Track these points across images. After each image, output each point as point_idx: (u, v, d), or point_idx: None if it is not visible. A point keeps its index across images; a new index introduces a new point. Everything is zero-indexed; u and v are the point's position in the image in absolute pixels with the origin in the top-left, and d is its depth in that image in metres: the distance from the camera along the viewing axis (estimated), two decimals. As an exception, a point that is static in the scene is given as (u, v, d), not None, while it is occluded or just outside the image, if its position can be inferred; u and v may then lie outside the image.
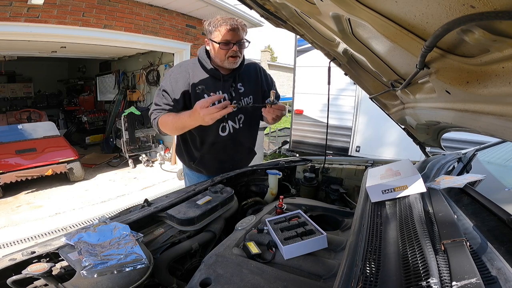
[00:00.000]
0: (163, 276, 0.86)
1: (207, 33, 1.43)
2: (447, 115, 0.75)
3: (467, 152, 1.47)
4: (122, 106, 6.44)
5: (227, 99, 1.50)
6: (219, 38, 1.37)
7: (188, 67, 1.50)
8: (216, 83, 1.49)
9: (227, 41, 1.37)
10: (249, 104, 1.58)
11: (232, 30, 1.36)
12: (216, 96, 1.25)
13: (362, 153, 4.90)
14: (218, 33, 1.37)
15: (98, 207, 3.79)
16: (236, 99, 1.53)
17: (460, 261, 0.47)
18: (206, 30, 1.42)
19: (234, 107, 1.26)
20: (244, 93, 1.57)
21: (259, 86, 1.63)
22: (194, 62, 1.53)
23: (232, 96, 1.53)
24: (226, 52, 1.40)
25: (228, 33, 1.36)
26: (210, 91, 1.42)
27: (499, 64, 0.43)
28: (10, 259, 0.77)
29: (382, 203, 0.83)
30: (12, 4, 3.05)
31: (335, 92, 4.81)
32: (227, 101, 1.25)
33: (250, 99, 1.59)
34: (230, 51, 1.40)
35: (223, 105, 1.23)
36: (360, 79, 1.38)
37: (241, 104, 1.53)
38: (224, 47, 1.38)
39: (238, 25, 1.37)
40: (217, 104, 1.24)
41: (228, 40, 1.37)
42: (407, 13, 0.50)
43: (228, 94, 1.52)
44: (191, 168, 1.72)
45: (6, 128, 4.65)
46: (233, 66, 1.46)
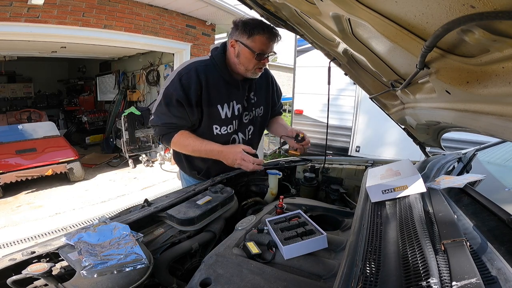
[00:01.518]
0: (163, 276, 0.86)
1: (238, 33, 1.25)
2: (447, 115, 0.75)
3: (467, 152, 1.47)
4: (122, 106, 6.44)
5: (240, 111, 1.41)
6: (256, 46, 1.22)
7: (200, 70, 1.29)
8: (231, 91, 1.36)
9: (263, 52, 1.24)
10: (259, 115, 1.51)
11: (271, 41, 1.24)
12: (259, 161, 1.24)
13: (362, 153, 4.90)
14: (256, 40, 1.22)
15: (98, 207, 3.79)
16: (248, 109, 1.45)
17: (460, 261, 0.47)
18: (239, 30, 1.24)
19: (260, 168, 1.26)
20: (256, 103, 1.48)
21: (269, 96, 1.55)
22: (206, 63, 1.33)
23: (245, 107, 1.43)
24: (256, 63, 1.27)
25: (267, 44, 1.23)
26: (224, 100, 1.32)
27: (499, 64, 0.43)
28: (10, 259, 0.77)
29: (382, 203, 0.83)
30: (12, 4, 3.05)
31: (335, 92, 4.82)
32: (262, 163, 1.23)
33: (261, 109, 1.52)
34: (261, 63, 1.28)
35: (257, 168, 1.23)
36: (360, 79, 1.38)
37: (254, 118, 1.48)
38: (259, 58, 1.25)
39: (277, 36, 1.25)
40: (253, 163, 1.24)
41: (265, 51, 1.24)
42: (407, 13, 0.50)
43: (242, 104, 1.41)
44: (192, 176, 1.61)
45: (6, 128, 4.65)
46: (255, 77, 1.35)
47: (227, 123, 1.39)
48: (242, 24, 1.24)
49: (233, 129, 1.42)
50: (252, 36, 1.22)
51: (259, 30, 1.21)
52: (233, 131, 1.42)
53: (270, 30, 1.23)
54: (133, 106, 5.58)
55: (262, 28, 1.21)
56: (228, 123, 1.39)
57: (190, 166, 1.56)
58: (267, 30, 1.22)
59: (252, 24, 1.22)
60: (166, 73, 5.75)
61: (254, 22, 1.23)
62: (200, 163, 1.52)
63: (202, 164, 1.51)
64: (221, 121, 1.37)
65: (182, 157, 1.55)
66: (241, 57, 1.28)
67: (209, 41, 5.54)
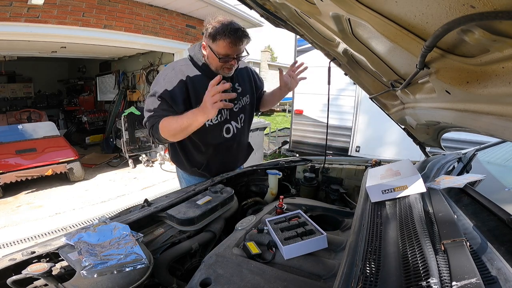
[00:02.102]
0: (163, 276, 0.86)
1: (206, 36, 1.31)
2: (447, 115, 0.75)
3: (467, 152, 1.47)
4: (122, 106, 6.44)
5: (227, 101, 1.37)
6: (219, 50, 1.29)
7: (182, 68, 1.39)
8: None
9: (227, 55, 1.30)
10: (247, 103, 1.56)
11: (235, 45, 1.27)
12: (222, 86, 1.13)
13: (362, 153, 4.90)
14: (219, 44, 1.27)
15: (98, 207, 3.79)
16: (236, 99, 1.51)
17: (460, 261, 0.47)
18: (206, 32, 1.30)
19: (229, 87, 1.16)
20: (242, 92, 1.54)
21: (252, 85, 1.62)
22: (186, 63, 1.43)
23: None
24: (223, 64, 1.34)
25: (231, 48, 1.27)
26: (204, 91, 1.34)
27: (499, 64, 0.43)
28: (10, 259, 0.77)
29: (382, 203, 0.83)
30: (12, 4, 3.05)
31: (335, 92, 4.82)
32: (228, 84, 1.14)
33: (248, 98, 1.58)
34: (228, 64, 1.34)
35: (222, 87, 1.11)
36: (360, 79, 1.38)
37: (241, 103, 1.53)
38: (223, 61, 1.32)
39: (241, 39, 1.28)
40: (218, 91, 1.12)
41: (228, 54, 1.29)
42: (407, 13, 0.50)
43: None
44: (193, 174, 1.64)
45: (6, 128, 4.65)
46: (227, 75, 1.40)
47: (219, 115, 1.45)
48: (210, 28, 1.28)
49: (223, 118, 1.48)
50: (215, 41, 1.27)
51: (221, 35, 1.25)
52: (224, 120, 1.48)
53: (233, 34, 1.24)
54: (133, 106, 5.58)
55: (225, 33, 1.24)
56: (220, 115, 1.46)
57: (190, 163, 1.58)
58: (229, 34, 1.24)
59: (216, 28, 1.26)
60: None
61: (219, 27, 1.26)
62: (199, 157, 1.55)
63: (201, 158, 1.54)
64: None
65: (181, 155, 1.57)
66: (209, 59, 1.37)
67: (209, 41, 5.54)
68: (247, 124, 1.63)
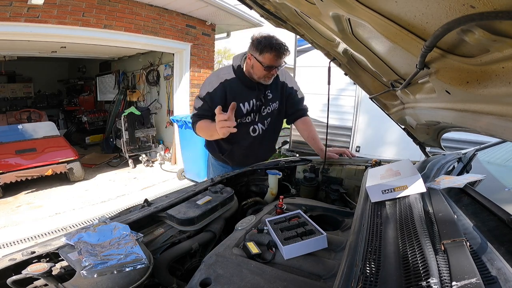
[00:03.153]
0: (163, 276, 0.86)
1: (252, 49, 1.52)
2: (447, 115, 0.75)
3: (467, 152, 1.47)
4: (122, 106, 6.44)
5: (258, 105, 1.68)
6: (265, 61, 1.49)
7: (225, 76, 1.63)
8: (250, 92, 1.64)
9: (271, 66, 1.51)
10: (275, 108, 1.76)
11: (279, 58, 1.49)
12: (222, 116, 1.29)
13: (362, 153, 4.90)
14: (266, 57, 1.48)
15: (98, 207, 3.79)
16: (266, 104, 1.71)
17: (460, 261, 0.47)
18: (253, 46, 1.51)
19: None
20: (272, 99, 1.73)
21: (284, 91, 1.79)
22: (229, 71, 1.66)
23: (262, 102, 1.70)
24: (266, 74, 1.55)
25: (275, 60, 1.49)
26: (244, 99, 1.62)
27: (499, 64, 0.43)
28: (10, 259, 0.77)
29: (382, 203, 0.83)
30: (12, 4, 3.05)
31: (335, 92, 4.81)
32: (233, 103, 1.30)
33: (276, 104, 1.76)
34: (270, 73, 1.55)
35: (222, 117, 1.28)
36: (360, 79, 1.38)
37: (268, 110, 1.74)
38: (268, 70, 1.52)
39: (284, 52, 1.49)
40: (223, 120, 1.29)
41: (273, 65, 1.51)
42: (407, 13, 0.50)
43: (259, 101, 1.68)
44: (218, 159, 1.90)
45: (6, 128, 4.65)
46: (267, 83, 1.63)
47: (247, 115, 1.69)
48: (256, 42, 1.50)
49: (251, 119, 1.71)
50: (262, 54, 1.49)
51: (268, 49, 1.47)
52: (251, 121, 1.71)
53: (277, 49, 1.47)
54: (133, 106, 5.58)
55: (271, 47, 1.46)
56: (247, 115, 1.69)
57: (218, 148, 1.83)
58: (274, 49, 1.46)
59: (263, 43, 1.48)
60: (166, 73, 5.74)
61: (265, 41, 1.48)
62: (225, 145, 1.79)
63: (227, 146, 1.79)
64: (243, 115, 1.67)
65: (212, 141, 1.82)
66: (254, 69, 1.57)
67: (209, 41, 5.54)
68: (273, 127, 1.83)
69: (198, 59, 5.39)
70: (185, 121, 4.25)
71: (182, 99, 5.43)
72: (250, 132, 1.72)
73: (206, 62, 5.62)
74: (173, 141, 5.55)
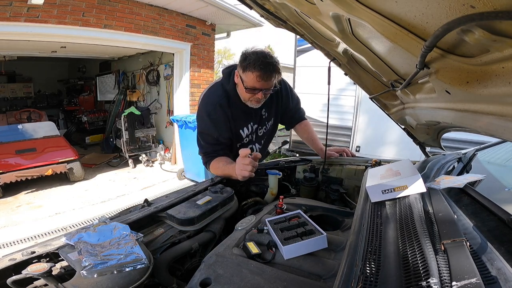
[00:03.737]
0: (163, 276, 0.86)
1: (239, 65, 1.34)
2: (447, 115, 0.75)
3: (467, 152, 1.47)
4: (122, 106, 6.44)
5: (255, 127, 1.60)
6: (247, 81, 1.31)
7: (222, 103, 1.45)
8: (248, 116, 1.54)
9: (253, 88, 1.32)
10: (270, 126, 1.68)
11: (262, 80, 1.29)
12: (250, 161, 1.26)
13: (362, 153, 4.90)
14: (248, 76, 1.29)
15: (98, 207, 3.79)
16: (261, 125, 1.63)
17: (460, 261, 0.47)
18: (239, 61, 1.33)
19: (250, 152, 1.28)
20: (267, 118, 1.64)
21: (279, 107, 1.67)
22: (221, 96, 1.46)
23: (259, 123, 1.62)
24: (250, 96, 1.38)
25: (258, 82, 1.29)
26: (243, 124, 1.53)
27: (499, 64, 0.43)
28: (10, 259, 0.77)
29: (382, 203, 0.83)
30: (12, 4, 3.05)
31: (335, 92, 4.82)
32: (257, 154, 1.28)
33: (272, 121, 1.68)
34: (254, 96, 1.37)
35: (253, 159, 1.25)
36: (360, 79, 1.38)
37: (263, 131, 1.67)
38: (250, 92, 1.35)
39: (271, 73, 1.29)
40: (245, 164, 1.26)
41: (255, 87, 1.32)
42: (407, 13, 0.50)
43: (256, 123, 1.60)
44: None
45: (6, 128, 4.65)
46: (254, 107, 1.46)
47: (246, 139, 1.63)
48: (242, 58, 1.31)
49: (248, 140, 1.64)
50: (245, 72, 1.30)
51: (251, 67, 1.26)
52: (249, 141, 1.65)
53: (262, 68, 1.25)
54: (133, 106, 5.58)
55: (254, 66, 1.25)
56: (247, 138, 1.63)
57: None
58: (259, 68, 1.25)
59: (249, 59, 1.27)
60: (166, 73, 5.75)
61: (252, 57, 1.27)
62: None
63: None
64: (242, 139, 1.61)
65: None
66: (239, 88, 1.42)
67: (209, 41, 5.54)
68: (268, 143, 1.79)
69: (198, 59, 5.40)
70: (185, 121, 4.26)
71: (182, 99, 5.43)
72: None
73: (206, 62, 5.62)
74: (173, 141, 5.56)
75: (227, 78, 1.48)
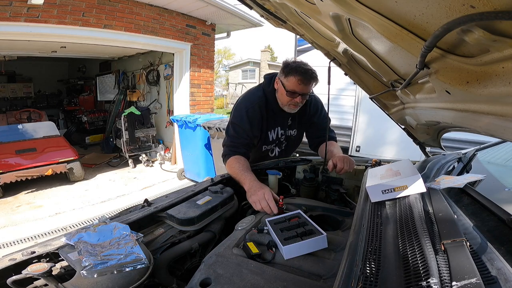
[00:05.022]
0: (163, 276, 0.86)
1: (280, 72, 1.48)
2: (447, 115, 0.75)
3: (467, 152, 1.47)
4: (122, 106, 6.44)
5: (279, 132, 1.68)
6: (288, 85, 1.44)
7: (260, 104, 1.56)
8: (277, 120, 1.63)
9: (293, 91, 1.44)
10: (293, 135, 1.74)
11: (303, 83, 1.42)
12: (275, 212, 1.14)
13: (362, 153, 4.90)
14: (290, 80, 1.43)
15: (98, 207, 3.79)
16: (283, 130, 1.69)
17: (460, 261, 0.47)
18: (281, 69, 1.47)
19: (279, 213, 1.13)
20: (291, 126, 1.70)
21: (305, 118, 1.73)
22: (261, 97, 1.57)
23: (284, 130, 1.69)
24: (289, 100, 1.48)
25: (299, 85, 1.42)
26: (273, 126, 1.62)
27: (499, 64, 0.43)
28: (10, 259, 0.77)
29: (382, 203, 0.83)
30: (12, 4, 3.05)
31: (335, 92, 4.82)
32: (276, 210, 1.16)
33: (295, 132, 1.74)
34: (293, 100, 1.47)
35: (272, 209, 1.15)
36: (360, 79, 1.38)
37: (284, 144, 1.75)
38: (290, 95, 1.46)
39: (311, 79, 1.42)
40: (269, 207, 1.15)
41: (295, 91, 1.44)
42: (407, 13, 0.50)
43: (283, 129, 1.67)
44: None
45: (6, 128, 4.65)
46: (291, 112, 1.56)
47: (272, 143, 1.70)
48: (284, 65, 1.46)
49: (272, 140, 1.70)
50: (287, 77, 1.44)
51: (293, 72, 1.42)
52: (272, 142, 1.71)
53: (303, 73, 1.41)
54: (133, 106, 5.58)
55: (296, 71, 1.41)
56: (272, 143, 1.71)
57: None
58: (300, 73, 1.41)
59: (290, 66, 1.44)
60: (166, 72, 5.75)
61: (293, 65, 1.44)
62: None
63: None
64: (268, 142, 1.68)
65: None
66: (279, 93, 1.53)
67: (209, 41, 5.54)
68: (290, 150, 1.84)
69: (198, 59, 5.40)
70: (185, 121, 4.26)
71: (182, 99, 5.43)
72: (269, 153, 1.76)
73: (206, 62, 5.62)
74: (173, 141, 5.56)
75: (268, 83, 1.60)
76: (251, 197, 1.22)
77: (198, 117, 4.07)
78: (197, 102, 5.59)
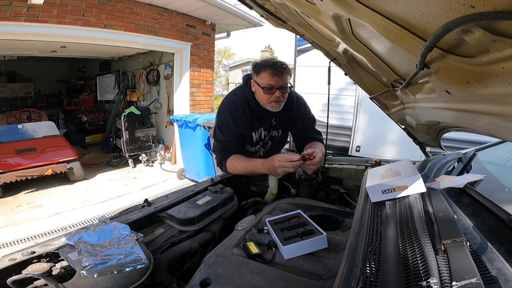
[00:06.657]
0: (163, 276, 0.86)
1: (253, 74, 1.47)
2: (447, 115, 0.75)
3: (467, 152, 1.47)
4: (122, 106, 6.44)
5: (262, 133, 1.64)
6: (262, 81, 1.42)
7: (243, 104, 1.54)
8: (261, 121, 1.60)
9: (270, 86, 1.41)
10: (277, 135, 1.72)
11: (275, 75, 1.39)
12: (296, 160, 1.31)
13: (362, 153, 4.90)
14: (262, 76, 1.42)
15: (98, 207, 3.79)
16: (268, 131, 1.67)
17: (460, 261, 0.47)
18: (252, 71, 1.47)
19: (300, 158, 1.31)
20: (275, 126, 1.68)
21: (289, 119, 1.69)
22: (242, 97, 1.56)
23: (267, 130, 1.66)
24: (269, 97, 1.45)
25: (272, 78, 1.40)
26: (255, 128, 1.58)
27: (499, 64, 0.43)
28: (10, 259, 0.77)
29: (382, 203, 0.83)
30: (12, 4, 3.05)
31: (335, 92, 4.81)
32: (300, 161, 1.30)
33: (279, 132, 1.71)
34: (273, 96, 1.44)
35: (297, 164, 1.31)
36: (360, 79, 1.38)
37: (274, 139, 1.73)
38: (267, 92, 1.43)
39: (282, 69, 1.40)
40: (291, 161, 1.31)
41: (271, 85, 1.41)
42: (407, 13, 0.50)
43: (266, 130, 1.64)
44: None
45: (6, 128, 4.65)
46: (275, 110, 1.52)
47: (256, 144, 1.67)
48: (253, 66, 1.47)
49: (256, 141, 1.68)
50: (259, 74, 1.43)
51: (263, 68, 1.40)
52: (256, 143, 1.68)
53: (272, 66, 1.39)
54: (133, 106, 5.58)
55: (265, 66, 1.40)
56: (257, 144, 1.68)
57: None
58: (269, 66, 1.39)
59: (259, 64, 1.44)
60: (166, 72, 5.74)
61: (261, 63, 1.43)
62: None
63: None
64: (252, 143, 1.65)
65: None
66: (257, 94, 1.50)
67: (209, 41, 5.54)
68: (275, 150, 1.81)
69: (198, 58, 5.40)
70: (185, 121, 4.25)
71: (182, 99, 5.43)
72: (254, 154, 1.72)
73: (206, 62, 5.62)
74: (173, 141, 5.55)
75: (245, 83, 1.58)
76: (273, 173, 1.35)
77: (198, 117, 4.07)
78: (197, 102, 5.59)
